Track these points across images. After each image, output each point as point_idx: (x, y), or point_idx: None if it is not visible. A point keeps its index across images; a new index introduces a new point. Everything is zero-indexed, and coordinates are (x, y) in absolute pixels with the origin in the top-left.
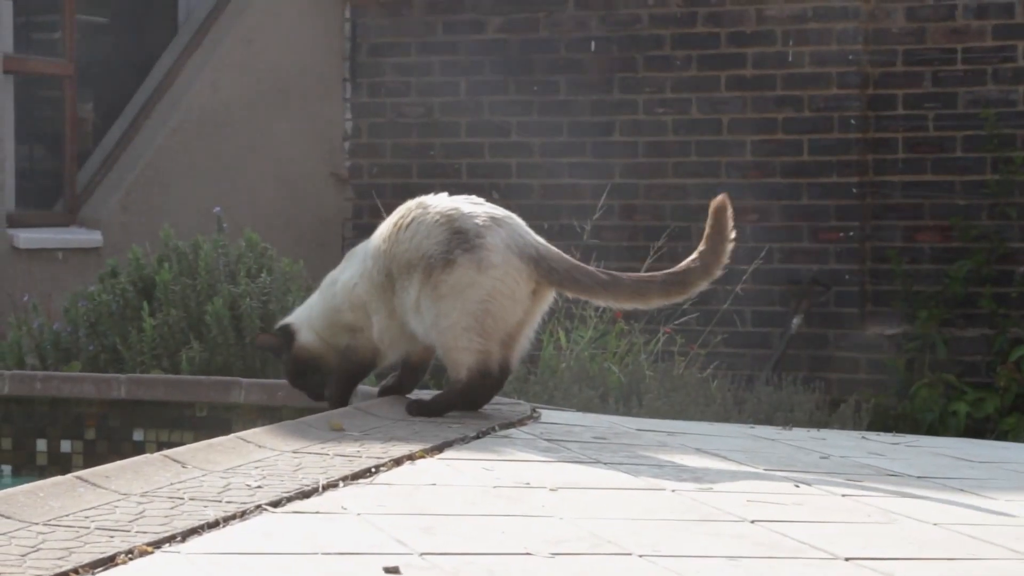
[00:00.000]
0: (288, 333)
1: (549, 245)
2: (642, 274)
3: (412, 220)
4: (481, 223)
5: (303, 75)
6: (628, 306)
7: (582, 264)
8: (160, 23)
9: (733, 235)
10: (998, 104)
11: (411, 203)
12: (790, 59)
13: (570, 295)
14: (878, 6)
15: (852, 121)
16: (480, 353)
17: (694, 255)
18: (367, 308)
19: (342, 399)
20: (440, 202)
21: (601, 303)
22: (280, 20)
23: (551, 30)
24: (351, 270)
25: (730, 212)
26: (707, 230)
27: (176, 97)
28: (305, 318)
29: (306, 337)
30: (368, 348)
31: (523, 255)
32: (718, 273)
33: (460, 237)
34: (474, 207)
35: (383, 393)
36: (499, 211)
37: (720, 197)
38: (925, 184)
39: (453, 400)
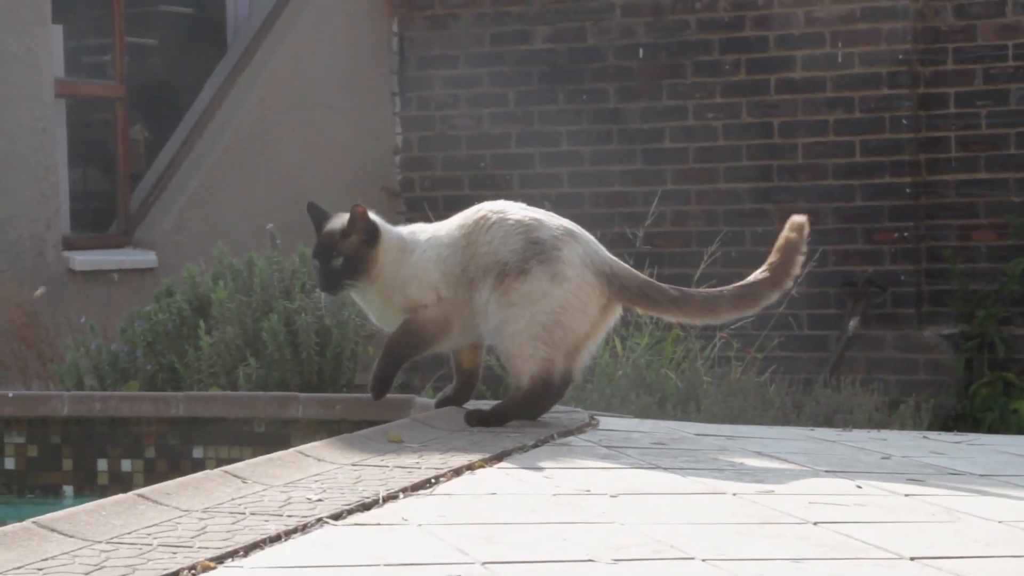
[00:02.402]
0: (374, 234)
1: (621, 262)
2: (711, 289)
3: (493, 224)
4: (559, 235)
5: (352, 90)
6: (699, 322)
7: (653, 280)
8: (209, 42)
9: (804, 251)
10: None
11: (492, 205)
12: (840, 60)
13: (640, 312)
14: (927, 4)
15: (904, 121)
16: (545, 362)
17: (764, 268)
18: (437, 291)
19: (388, 376)
20: (519, 211)
21: (671, 319)
22: (328, 36)
23: (599, 38)
24: (427, 251)
25: (807, 231)
26: (781, 242)
27: (227, 115)
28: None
29: (387, 255)
30: (430, 326)
31: (597, 272)
32: (788, 286)
33: (537, 247)
34: (551, 219)
35: (440, 405)
36: (574, 226)
37: (801, 217)
38: (979, 182)
39: (514, 409)
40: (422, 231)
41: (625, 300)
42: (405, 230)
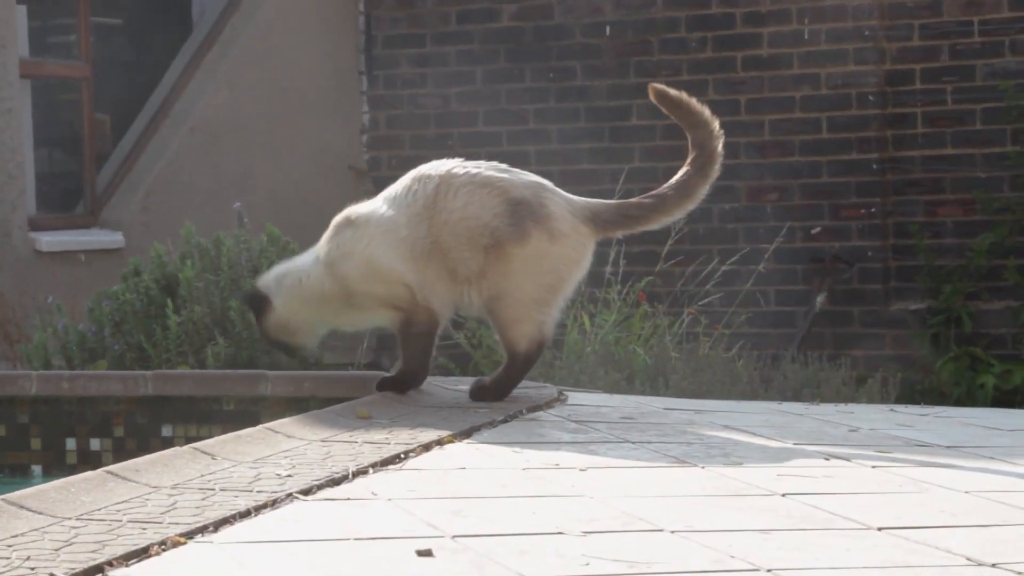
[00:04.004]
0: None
1: (588, 199)
2: (672, 179)
3: (460, 187)
4: (537, 191)
5: (319, 69)
6: (682, 213)
7: (625, 201)
8: (174, 22)
9: (689, 101)
10: (1016, 75)
11: (433, 169)
12: (806, 37)
13: (627, 233)
14: None
15: (870, 97)
16: (541, 324)
17: (691, 148)
18: (404, 279)
19: (420, 372)
20: (474, 168)
21: (658, 225)
22: (294, 15)
23: (565, 16)
24: (370, 244)
25: (671, 90)
26: (676, 113)
27: (193, 96)
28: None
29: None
30: (425, 326)
31: (583, 217)
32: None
33: (524, 208)
34: (510, 173)
35: (384, 387)
36: (535, 176)
37: (653, 88)
38: (945, 158)
39: (517, 375)
40: (351, 223)
41: (610, 231)
42: (310, 259)
